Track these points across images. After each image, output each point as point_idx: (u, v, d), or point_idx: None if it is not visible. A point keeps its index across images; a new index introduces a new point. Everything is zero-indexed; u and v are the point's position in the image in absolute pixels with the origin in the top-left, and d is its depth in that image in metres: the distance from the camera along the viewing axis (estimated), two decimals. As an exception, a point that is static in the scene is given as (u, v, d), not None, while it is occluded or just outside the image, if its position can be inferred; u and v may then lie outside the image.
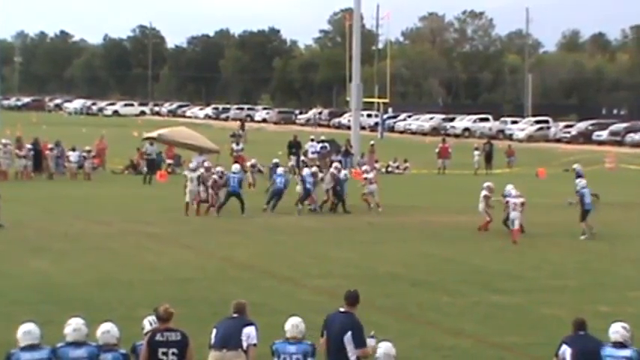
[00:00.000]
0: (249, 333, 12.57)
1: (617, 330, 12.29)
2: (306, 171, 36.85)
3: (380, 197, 35.94)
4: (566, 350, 12.36)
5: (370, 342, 12.52)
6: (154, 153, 48.49)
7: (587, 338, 12.46)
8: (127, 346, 12.28)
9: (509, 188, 30.89)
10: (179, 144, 50.96)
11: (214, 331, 12.76)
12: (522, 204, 29.77)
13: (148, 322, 12.50)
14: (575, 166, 39.74)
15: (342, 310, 12.76)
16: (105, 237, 28.78)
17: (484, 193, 31.62)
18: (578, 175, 36.98)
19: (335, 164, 38.48)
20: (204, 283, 22.18)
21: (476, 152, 55.20)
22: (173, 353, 11.88)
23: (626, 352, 12.18)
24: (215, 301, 19.47)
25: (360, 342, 12.38)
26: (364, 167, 39.61)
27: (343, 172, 36.80)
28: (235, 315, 12.88)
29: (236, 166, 35.91)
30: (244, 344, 12.52)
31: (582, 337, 12.46)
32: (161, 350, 11.86)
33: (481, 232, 30.75)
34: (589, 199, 30.47)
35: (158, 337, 11.93)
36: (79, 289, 21.13)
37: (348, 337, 12.35)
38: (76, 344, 11.68)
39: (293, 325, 12.36)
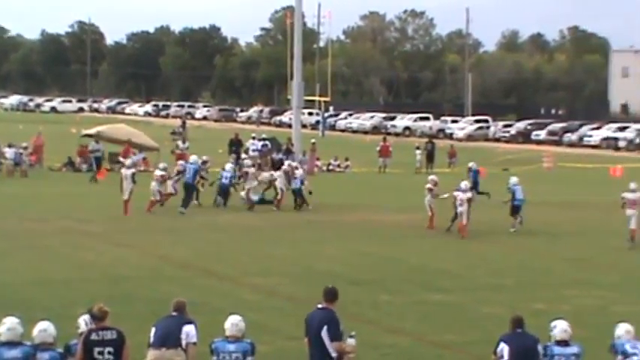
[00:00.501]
0: (188, 331, 12.51)
1: (564, 329, 12.41)
2: (228, 166, 37.00)
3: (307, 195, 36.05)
4: (504, 348, 12.45)
5: (350, 342, 12.57)
6: (100, 150, 48.03)
7: (525, 336, 12.56)
8: (62, 345, 12.12)
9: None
10: (118, 141, 50.55)
11: (153, 329, 12.67)
12: (469, 200, 30.43)
13: (84, 321, 12.35)
14: (471, 164, 40.02)
15: (320, 306, 12.82)
16: (42, 235, 28.45)
17: (428, 186, 32.14)
18: (473, 171, 38.25)
19: (290, 163, 38.66)
20: (143, 282, 22.02)
21: (417, 151, 55.49)
22: (109, 352, 11.75)
23: (574, 350, 12.37)
24: (154, 299, 19.34)
25: (334, 336, 12.43)
26: (293, 164, 39.63)
27: (299, 171, 36.94)
28: (174, 313, 12.80)
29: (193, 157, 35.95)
30: (183, 343, 12.46)
31: (520, 335, 12.56)
32: (97, 349, 11.73)
33: (426, 230, 30.89)
34: (520, 195, 31.48)
35: (93, 337, 11.79)
36: (15, 288, 20.86)
37: (324, 331, 12.43)
38: (11, 344, 11.47)
39: (232, 323, 12.29)
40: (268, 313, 19.15)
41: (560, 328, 12.43)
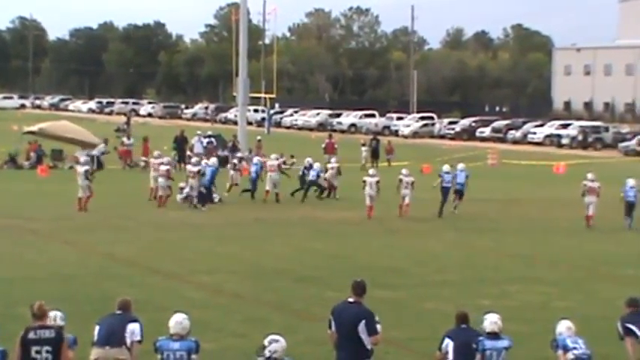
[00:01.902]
0: (133, 330, 12.46)
1: (494, 321, 12.53)
2: (212, 161, 37.62)
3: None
4: (448, 344, 12.54)
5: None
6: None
7: (469, 331, 12.65)
8: (5, 344, 11.97)
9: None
10: (61, 138, 50.09)
11: (97, 328, 12.58)
12: (412, 183, 33.52)
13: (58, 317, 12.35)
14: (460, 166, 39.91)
15: (350, 300, 12.73)
16: (-16, 233, 28.07)
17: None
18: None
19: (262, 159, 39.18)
20: (87, 280, 21.83)
21: (363, 148, 55.69)
22: (47, 351, 11.61)
23: (505, 343, 12.50)
24: (98, 298, 19.18)
25: (373, 330, 12.46)
26: (234, 161, 39.51)
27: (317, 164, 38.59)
28: (119, 312, 12.71)
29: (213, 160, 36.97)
30: (128, 341, 12.40)
31: (464, 331, 12.65)
32: (34, 348, 11.58)
33: (368, 221, 31.02)
34: (462, 180, 34.91)
35: (31, 335, 11.65)
36: (-43, 287, 20.57)
37: (362, 326, 12.42)
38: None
39: (177, 322, 12.20)
40: (214, 310, 19.07)
41: (490, 320, 12.57)
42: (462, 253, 26.66)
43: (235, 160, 41.62)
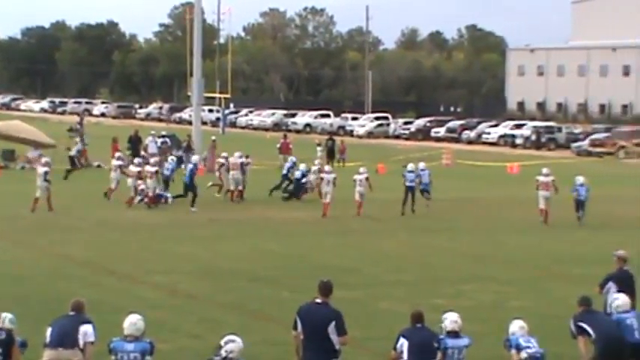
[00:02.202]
0: (85, 331, 12.36)
1: (455, 320, 12.59)
2: (169, 158, 38.64)
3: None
4: (403, 343, 12.57)
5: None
6: None
7: (424, 331, 12.68)
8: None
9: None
10: (13, 138, 49.61)
11: (49, 329, 12.46)
12: (367, 179, 34.46)
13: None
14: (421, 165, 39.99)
15: (318, 301, 12.72)
16: None
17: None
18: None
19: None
20: (40, 281, 21.64)
21: (318, 148, 55.72)
22: (-2, 352, 11.51)
23: (465, 341, 12.57)
24: (51, 299, 18.99)
25: (343, 330, 12.51)
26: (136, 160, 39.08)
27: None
28: (72, 313, 12.60)
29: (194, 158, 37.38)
30: (81, 342, 12.29)
31: (419, 330, 12.69)
32: None
33: (324, 221, 31.02)
34: (427, 180, 36.00)
35: None
36: None
37: (332, 327, 12.43)
38: None
39: (131, 322, 12.11)
40: (169, 311, 18.98)
41: (450, 319, 12.64)
42: (416, 253, 26.73)
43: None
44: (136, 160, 37.22)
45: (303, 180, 38.47)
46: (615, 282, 15.33)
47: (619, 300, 14.17)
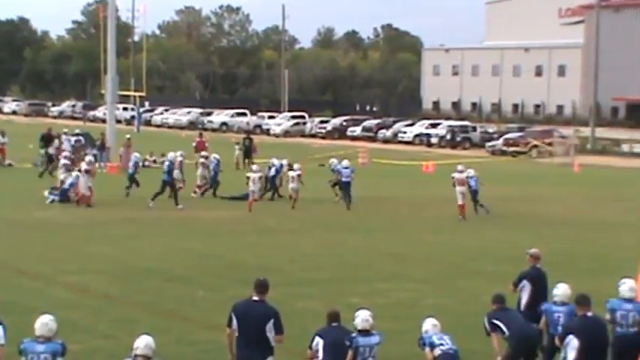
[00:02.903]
0: (-5, 332, 12.07)
1: (366, 318, 12.59)
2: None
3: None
4: (319, 342, 12.57)
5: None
6: None
7: (340, 330, 12.68)
8: None
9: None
10: None
11: (-42, 332, 12.15)
12: (299, 176, 35.85)
13: None
14: (345, 162, 40.58)
15: (255, 299, 12.68)
16: None
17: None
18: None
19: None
20: (-51, 282, 21.16)
21: (237, 147, 55.58)
22: None
23: (376, 339, 12.59)
24: (-40, 300, 18.59)
25: (280, 329, 12.57)
26: (88, 158, 38.60)
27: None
28: (-19, 315, 12.31)
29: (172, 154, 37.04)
30: (-10, 345, 12.00)
31: (335, 329, 12.69)
32: None
33: (240, 220, 30.94)
34: (347, 173, 36.67)
35: None
36: None
37: (270, 325, 12.48)
38: None
39: (42, 323, 11.88)
40: (82, 311, 18.72)
41: (362, 317, 12.64)
42: (332, 252, 26.76)
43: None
44: (88, 159, 36.74)
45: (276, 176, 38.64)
46: (529, 280, 15.50)
47: (558, 289, 14.29)
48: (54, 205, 34.77)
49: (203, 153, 41.72)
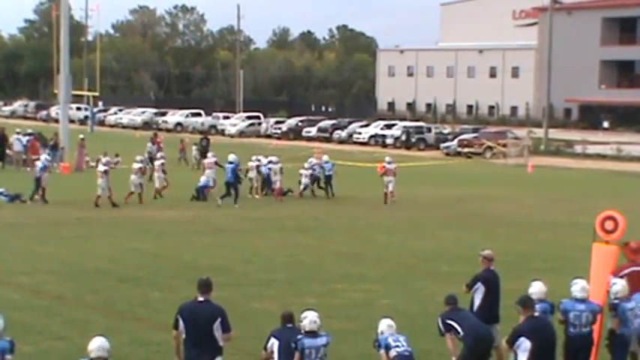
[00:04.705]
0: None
1: (314, 320, 12.51)
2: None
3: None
4: (274, 343, 12.53)
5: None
6: None
7: (295, 331, 12.62)
8: None
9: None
10: None
11: None
12: (281, 169, 39.27)
13: None
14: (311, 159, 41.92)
15: (200, 299, 12.61)
16: None
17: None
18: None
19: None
20: None
21: (194, 147, 55.48)
22: None
23: (323, 340, 12.50)
24: None
25: (227, 327, 12.52)
26: (105, 159, 38.24)
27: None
28: None
29: (232, 157, 36.60)
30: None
31: (290, 330, 12.63)
32: None
33: (194, 220, 30.81)
34: (329, 167, 40.72)
35: None
36: None
37: (217, 324, 12.42)
38: None
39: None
40: (34, 312, 18.51)
41: (309, 319, 12.55)
42: (287, 252, 26.70)
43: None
44: (138, 157, 37.66)
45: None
46: (483, 282, 15.53)
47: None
48: (3, 205, 34.38)
49: (160, 154, 41.52)
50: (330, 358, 12.69)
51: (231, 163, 36.17)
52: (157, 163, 39.68)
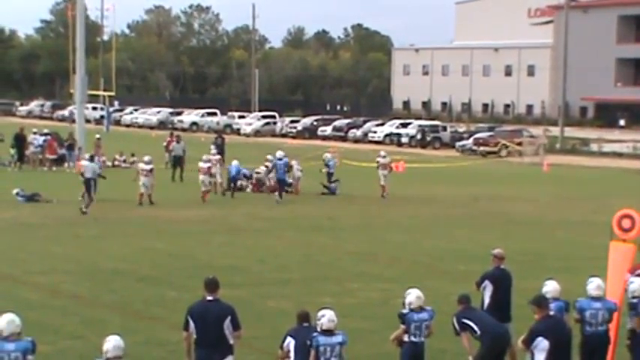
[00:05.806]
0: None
1: (332, 319, 12.47)
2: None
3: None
4: (290, 342, 12.51)
5: None
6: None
7: (311, 330, 12.62)
8: None
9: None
10: None
11: None
12: (291, 166, 39.25)
13: None
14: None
15: (209, 299, 12.65)
16: None
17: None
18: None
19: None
20: None
21: (212, 146, 55.52)
22: None
23: (339, 339, 12.46)
24: None
25: (237, 325, 12.57)
26: (147, 158, 38.10)
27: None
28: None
29: (280, 153, 38.38)
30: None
31: (306, 329, 12.63)
32: None
33: (214, 226, 30.84)
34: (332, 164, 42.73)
35: None
36: None
37: (227, 322, 12.48)
38: None
39: (8, 321, 11.70)
40: (51, 312, 18.59)
41: (327, 317, 12.51)
42: (302, 251, 26.73)
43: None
44: (205, 157, 38.68)
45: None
46: (491, 281, 15.51)
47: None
48: (19, 205, 34.50)
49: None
50: (346, 357, 12.69)
51: (280, 159, 37.28)
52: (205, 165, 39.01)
